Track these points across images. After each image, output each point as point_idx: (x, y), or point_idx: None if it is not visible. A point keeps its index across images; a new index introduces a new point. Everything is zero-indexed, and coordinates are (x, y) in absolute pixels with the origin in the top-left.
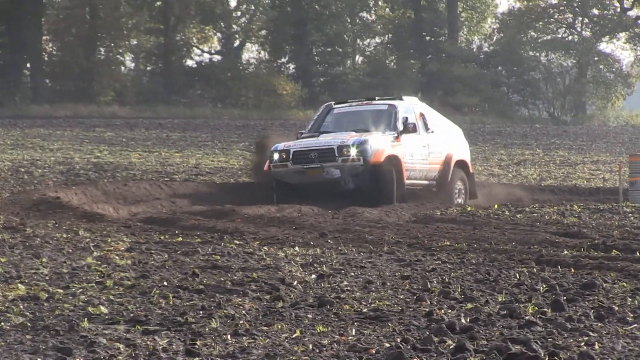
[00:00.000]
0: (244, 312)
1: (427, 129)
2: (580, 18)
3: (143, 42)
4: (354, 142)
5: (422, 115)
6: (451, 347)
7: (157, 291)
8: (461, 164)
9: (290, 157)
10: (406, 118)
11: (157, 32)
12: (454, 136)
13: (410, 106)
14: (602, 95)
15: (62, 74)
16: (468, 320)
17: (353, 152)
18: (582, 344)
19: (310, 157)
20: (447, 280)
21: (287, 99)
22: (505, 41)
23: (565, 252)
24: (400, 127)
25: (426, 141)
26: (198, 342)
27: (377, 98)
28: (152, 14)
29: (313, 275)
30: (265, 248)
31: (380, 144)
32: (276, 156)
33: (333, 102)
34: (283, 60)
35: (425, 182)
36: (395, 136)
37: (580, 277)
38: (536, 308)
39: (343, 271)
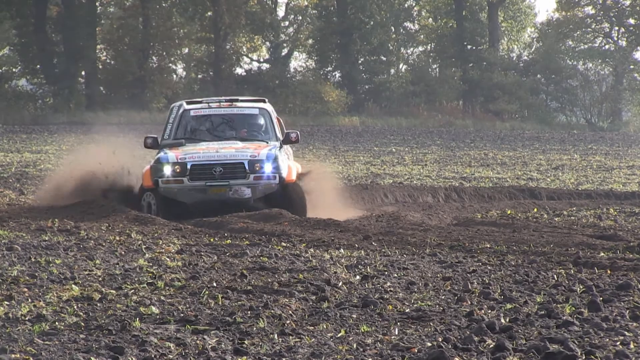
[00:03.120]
0: (290, 312)
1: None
2: (616, 28)
3: (194, 51)
4: (267, 156)
5: (279, 120)
6: (491, 346)
7: (207, 292)
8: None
9: (188, 171)
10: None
11: (208, 42)
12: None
13: (272, 110)
14: (637, 102)
15: (115, 81)
16: (507, 320)
17: (268, 168)
18: (618, 343)
19: (214, 173)
20: (487, 281)
21: (333, 106)
22: (544, 50)
23: (602, 254)
24: (279, 135)
25: (287, 153)
26: (246, 342)
27: (240, 99)
28: (203, 23)
29: (357, 277)
30: (311, 250)
31: (285, 158)
32: (167, 170)
33: (184, 102)
34: (329, 68)
35: None
36: (278, 147)
37: (616, 279)
38: (573, 308)
39: (386, 272)
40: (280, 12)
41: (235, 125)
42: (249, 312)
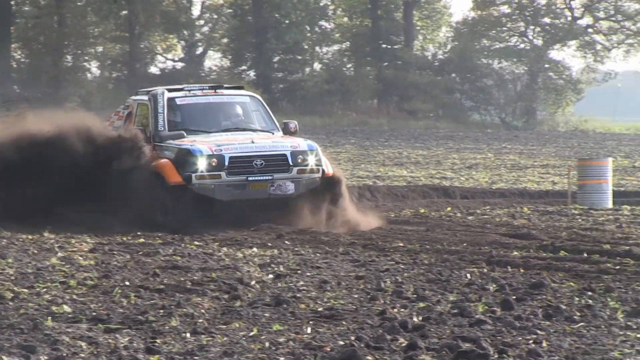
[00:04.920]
0: (203, 311)
1: None
2: (532, 27)
3: (108, 50)
4: (309, 147)
5: None
6: (403, 345)
7: (119, 291)
8: None
9: (226, 164)
10: None
11: (123, 40)
12: None
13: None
14: (552, 101)
15: (29, 80)
16: (420, 319)
17: (311, 160)
18: (531, 342)
19: (255, 166)
20: (400, 280)
21: None
22: (459, 49)
23: (515, 252)
24: (277, 124)
25: None
26: (158, 340)
27: (225, 86)
28: (118, 22)
29: (270, 275)
30: (224, 249)
31: None
32: (202, 163)
33: (165, 90)
34: (244, 67)
35: None
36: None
37: (529, 277)
38: (486, 307)
39: (299, 271)
40: (196, 10)
41: (229, 114)
42: (161, 311)
